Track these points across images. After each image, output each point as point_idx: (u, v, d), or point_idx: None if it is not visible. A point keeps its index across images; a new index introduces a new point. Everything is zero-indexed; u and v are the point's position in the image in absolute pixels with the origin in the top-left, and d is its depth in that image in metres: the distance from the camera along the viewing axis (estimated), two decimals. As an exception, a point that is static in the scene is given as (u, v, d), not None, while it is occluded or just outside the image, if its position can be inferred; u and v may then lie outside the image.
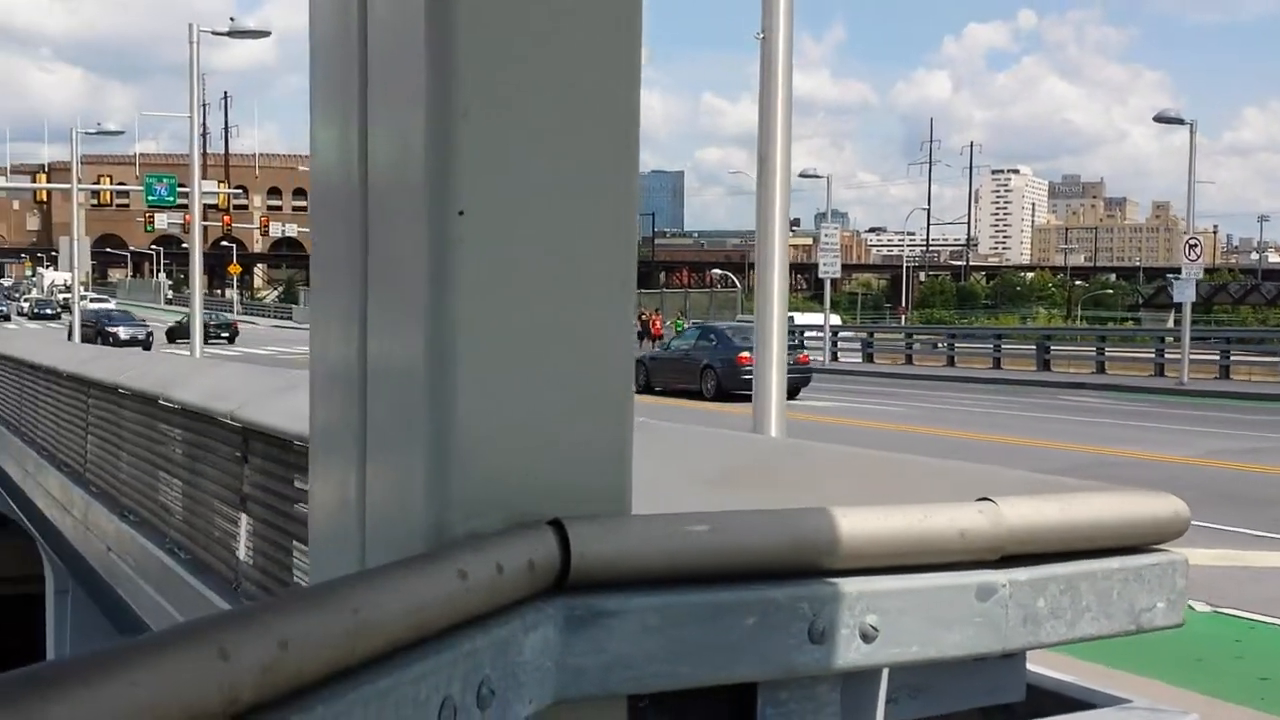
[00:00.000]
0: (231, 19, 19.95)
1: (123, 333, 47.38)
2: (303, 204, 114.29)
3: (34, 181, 54.64)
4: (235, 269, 69.45)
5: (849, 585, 1.30)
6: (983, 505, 1.37)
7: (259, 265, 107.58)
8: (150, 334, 47.73)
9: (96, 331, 46.18)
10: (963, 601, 1.35)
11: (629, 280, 1.21)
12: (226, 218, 53.22)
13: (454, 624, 1.01)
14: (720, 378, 24.00)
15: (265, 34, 20.75)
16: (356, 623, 0.90)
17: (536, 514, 1.15)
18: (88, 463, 10.17)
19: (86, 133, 32.90)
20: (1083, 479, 1.69)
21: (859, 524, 1.31)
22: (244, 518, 6.31)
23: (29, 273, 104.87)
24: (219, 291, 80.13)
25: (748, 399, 8.59)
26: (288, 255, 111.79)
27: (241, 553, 6.26)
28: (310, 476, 1.37)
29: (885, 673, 1.41)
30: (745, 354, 22.25)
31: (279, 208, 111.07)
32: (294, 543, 6.06)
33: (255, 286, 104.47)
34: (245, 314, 74.29)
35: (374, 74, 1.16)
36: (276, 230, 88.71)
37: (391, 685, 0.91)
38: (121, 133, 37.26)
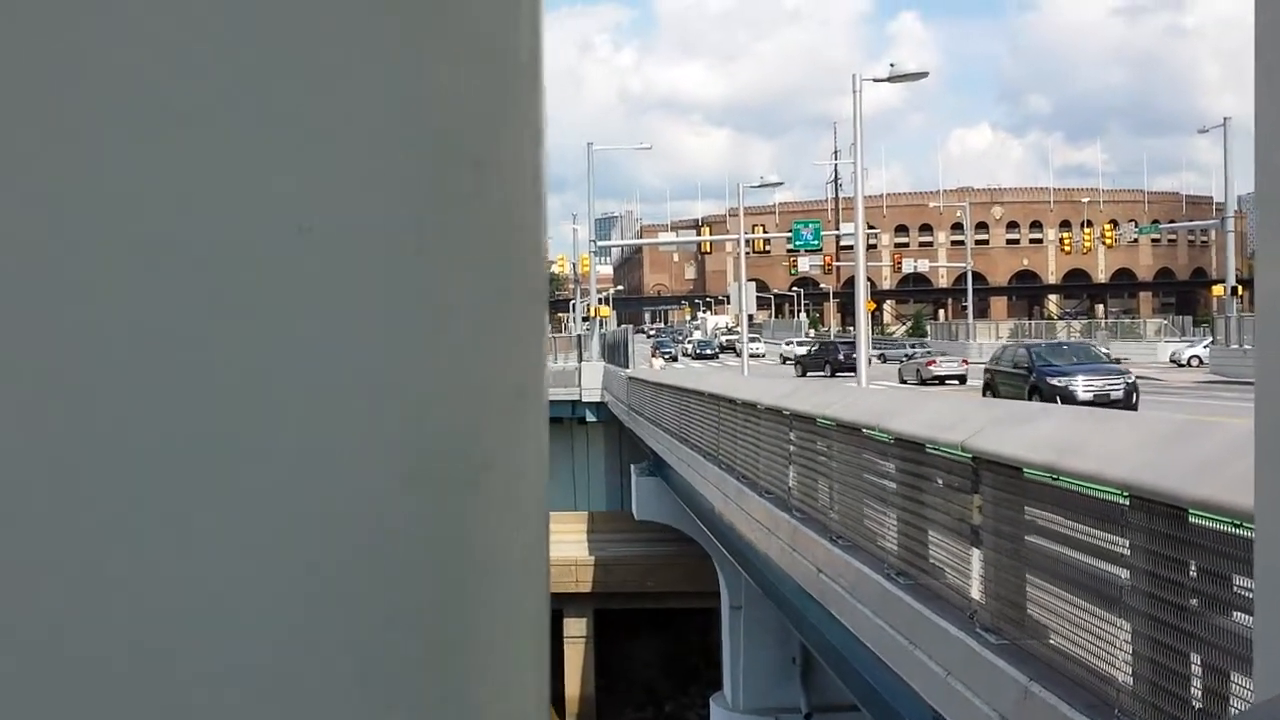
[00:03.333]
0: (891, 65, 20.89)
1: (1081, 391, 25.84)
2: (928, 240, 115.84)
3: (698, 234, 60.60)
4: (870, 305, 71.89)
5: None
6: None
7: (887, 301, 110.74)
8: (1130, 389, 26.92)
9: (1031, 388, 26.31)
10: None
11: None
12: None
13: None
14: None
15: (924, 75, 21.42)
16: None
17: None
18: (791, 490, 10.98)
19: (750, 187, 36.02)
20: None
21: None
22: (974, 549, 6.43)
23: (688, 317, 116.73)
24: (848, 328, 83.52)
25: None
26: (914, 290, 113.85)
27: (975, 584, 6.38)
28: (1259, 508, 1.32)
29: None
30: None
31: (906, 244, 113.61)
32: (1028, 575, 6.07)
33: (884, 322, 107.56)
34: (875, 349, 76.54)
35: None
36: (907, 266, 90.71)
37: None
38: (780, 183, 40.25)
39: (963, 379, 40.06)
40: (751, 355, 58.36)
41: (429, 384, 0.37)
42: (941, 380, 39.73)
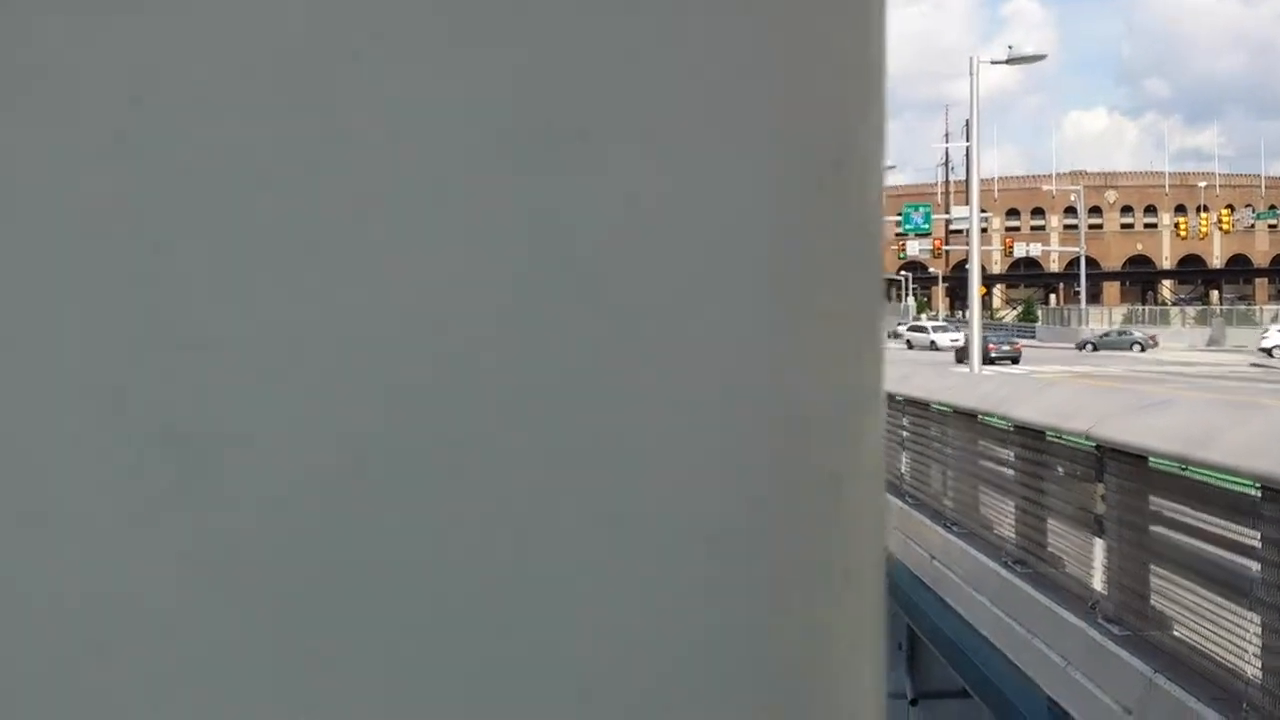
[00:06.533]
0: (1010, 47, 20.55)
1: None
2: (1040, 223, 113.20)
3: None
4: (982, 290, 70.68)
5: None
6: None
7: (998, 285, 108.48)
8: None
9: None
10: None
11: None
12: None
13: None
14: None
15: (1042, 57, 21.03)
16: None
17: None
18: (903, 475, 10.95)
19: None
20: None
21: None
22: (1097, 539, 6.38)
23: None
24: (959, 313, 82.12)
25: None
26: (1025, 275, 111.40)
27: (1097, 574, 6.34)
28: None
29: None
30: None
31: (1017, 228, 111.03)
32: (1153, 566, 6.01)
33: (994, 307, 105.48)
34: (985, 333, 74.98)
35: None
36: (1019, 250, 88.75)
37: None
38: (892, 167, 39.82)
39: None
40: (937, 347, 58.83)
41: (788, 391, 0.35)
42: None
